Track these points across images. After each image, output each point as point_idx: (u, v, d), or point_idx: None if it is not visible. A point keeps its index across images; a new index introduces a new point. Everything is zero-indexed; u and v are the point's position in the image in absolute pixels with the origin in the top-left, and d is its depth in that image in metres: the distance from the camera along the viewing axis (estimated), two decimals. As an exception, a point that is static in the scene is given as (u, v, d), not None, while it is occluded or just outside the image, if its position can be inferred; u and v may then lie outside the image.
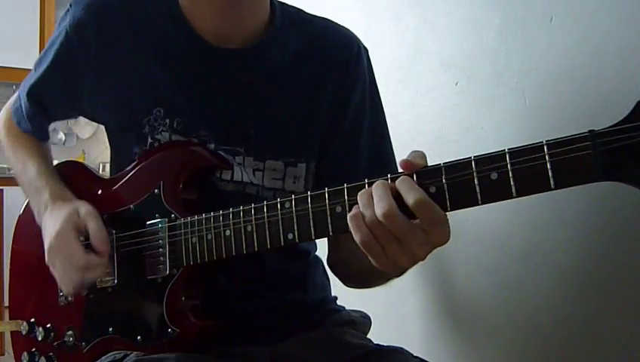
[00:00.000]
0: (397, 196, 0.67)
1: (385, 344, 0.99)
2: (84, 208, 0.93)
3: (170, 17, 0.96)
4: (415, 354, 0.94)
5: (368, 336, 1.05)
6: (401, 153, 1.37)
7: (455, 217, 1.25)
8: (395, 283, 1.45)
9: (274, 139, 0.97)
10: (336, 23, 1.05)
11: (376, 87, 1.05)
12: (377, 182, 0.69)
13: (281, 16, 0.99)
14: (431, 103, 1.31)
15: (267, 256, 0.96)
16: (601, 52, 0.95)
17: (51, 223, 0.93)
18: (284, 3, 1.02)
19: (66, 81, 1.01)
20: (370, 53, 1.06)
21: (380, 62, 1.10)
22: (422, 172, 0.69)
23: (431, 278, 1.35)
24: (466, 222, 1.22)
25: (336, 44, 1.01)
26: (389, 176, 0.70)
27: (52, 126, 1.15)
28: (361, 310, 1.09)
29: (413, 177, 0.69)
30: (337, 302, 1.09)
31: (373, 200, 0.67)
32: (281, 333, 0.97)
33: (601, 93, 0.95)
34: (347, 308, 1.08)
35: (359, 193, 0.70)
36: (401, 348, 0.96)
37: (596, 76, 0.96)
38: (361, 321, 1.06)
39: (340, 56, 1.00)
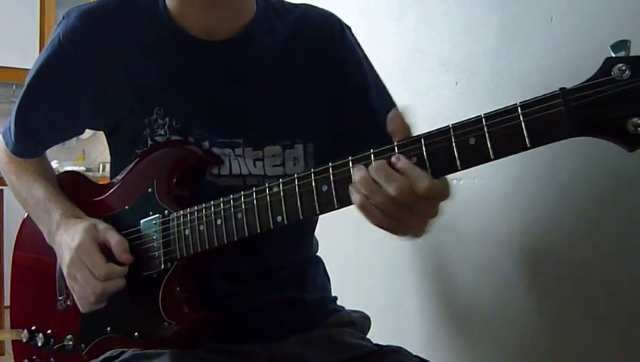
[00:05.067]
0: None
1: (384, 344, 0.99)
2: (101, 223, 0.95)
3: (158, 19, 0.98)
4: (415, 354, 0.95)
5: (368, 336, 1.05)
6: (401, 153, 1.37)
7: (455, 217, 1.26)
8: (396, 283, 1.45)
9: (269, 124, 0.98)
10: (316, 7, 1.08)
11: (366, 56, 1.07)
12: (377, 166, 0.71)
13: (265, 5, 1.02)
14: (431, 103, 1.31)
15: (265, 255, 0.97)
16: (601, 52, 0.95)
17: (68, 238, 0.94)
18: None
19: (58, 91, 1.01)
20: (370, 53, 1.07)
21: (380, 63, 1.11)
22: (402, 144, 0.72)
23: (430, 278, 1.35)
24: (466, 222, 1.22)
25: (319, 25, 1.04)
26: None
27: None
28: (361, 310, 1.09)
29: (394, 149, 0.72)
30: (337, 302, 1.09)
31: (379, 183, 0.70)
32: (280, 332, 0.97)
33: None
34: (347, 308, 1.08)
35: (358, 181, 0.71)
36: (401, 348, 0.96)
37: (596, 76, 0.96)
38: (361, 321, 1.06)
39: (325, 36, 1.03)
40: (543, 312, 1.08)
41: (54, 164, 3.33)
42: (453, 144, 0.67)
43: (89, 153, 4.25)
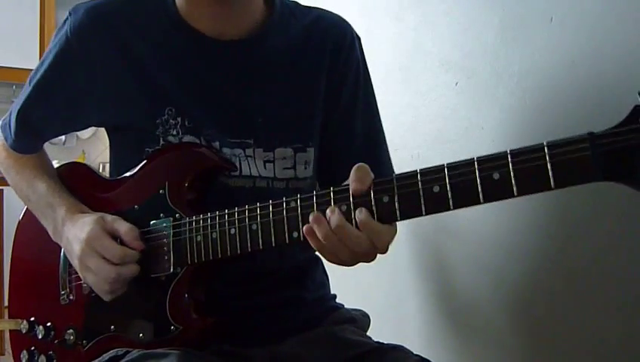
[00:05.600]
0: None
1: (385, 342, 0.99)
2: (108, 215, 0.94)
3: (168, 18, 0.98)
4: (415, 352, 0.95)
5: (367, 334, 1.05)
6: (401, 154, 1.39)
7: (454, 217, 1.26)
8: (396, 281, 1.45)
9: (281, 125, 0.98)
10: (331, 12, 1.08)
11: (369, 75, 1.08)
12: (336, 223, 0.75)
13: (281, 7, 1.02)
14: (431, 103, 1.31)
15: (264, 255, 0.96)
16: (601, 52, 0.95)
17: (78, 232, 0.93)
18: None
19: (63, 88, 1.00)
20: (370, 53, 1.07)
21: (380, 63, 1.11)
22: (378, 181, 0.74)
23: (430, 277, 1.35)
24: (466, 222, 1.22)
25: (330, 31, 1.04)
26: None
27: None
28: (361, 308, 1.10)
29: (371, 189, 0.74)
30: (336, 300, 1.09)
31: (337, 236, 0.75)
32: (281, 331, 0.97)
33: (600, 93, 0.95)
34: (346, 306, 1.08)
35: (322, 238, 0.76)
36: (401, 346, 0.96)
37: (596, 76, 0.96)
38: (361, 319, 1.06)
39: (334, 43, 1.03)
40: (541, 311, 1.08)
41: (54, 164, 3.32)
42: (478, 178, 0.67)
43: (89, 153, 4.24)
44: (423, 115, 1.33)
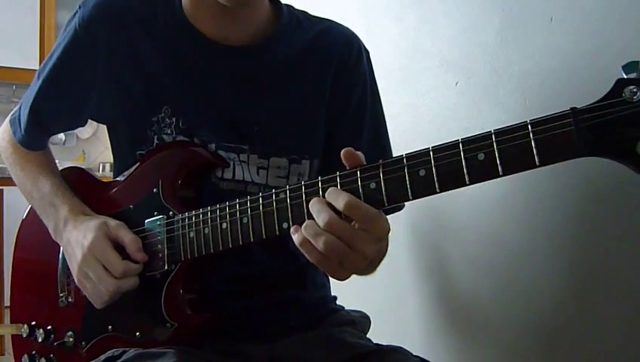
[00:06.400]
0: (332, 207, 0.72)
1: (384, 343, 0.99)
2: (111, 220, 0.94)
3: (173, 17, 0.98)
4: (415, 353, 0.95)
5: (368, 336, 1.05)
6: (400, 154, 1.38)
7: (454, 216, 1.26)
8: (395, 282, 1.45)
9: (278, 135, 0.98)
10: (341, 25, 1.07)
11: (377, 89, 1.07)
12: (312, 201, 0.73)
13: (289, 16, 1.01)
14: (431, 103, 1.31)
15: (264, 256, 0.97)
16: (601, 52, 0.95)
17: (80, 236, 0.93)
18: (290, 5, 1.04)
19: (72, 80, 1.00)
20: (370, 54, 1.07)
21: (380, 63, 1.11)
22: (364, 168, 0.73)
23: (430, 278, 1.35)
24: (466, 222, 1.22)
25: (337, 44, 1.03)
26: (319, 178, 0.75)
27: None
28: (361, 310, 1.10)
29: (357, 173, 0.72)
30: (337, 301, 1.09)
31: (314, 217, 0.72)
32: (280, 331, 0.97)
33: (601, 93, 0.95)
34: (346, 307, 1.08)
35: (305, 227, 0.72)
36: (401, 348, 0.96)
37: (596, 76, 0.96)
38: (361, 321, 1.06)
39: (339, 55, 1.02)
40: (541, 312, 1.08)
41: (54, 164, 3.32)
42: (463, 160, 0.67)
43: (89, 153, 4.25)
44: (423, 115, 1.33)
